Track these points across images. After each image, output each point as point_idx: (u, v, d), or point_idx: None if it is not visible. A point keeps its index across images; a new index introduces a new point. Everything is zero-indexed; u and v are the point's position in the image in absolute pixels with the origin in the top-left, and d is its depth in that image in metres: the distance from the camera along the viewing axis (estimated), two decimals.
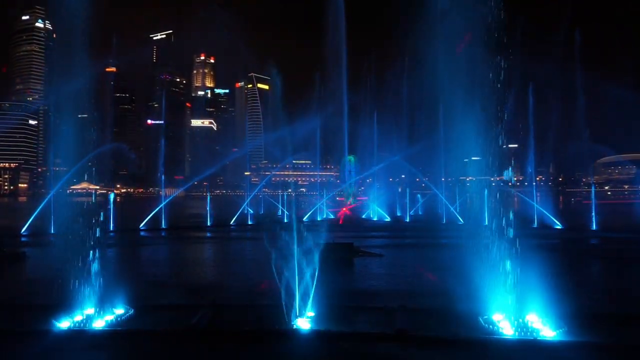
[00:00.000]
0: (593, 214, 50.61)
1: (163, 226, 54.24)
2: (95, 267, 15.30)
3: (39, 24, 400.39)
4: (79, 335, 13.81)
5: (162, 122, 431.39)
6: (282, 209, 73.53)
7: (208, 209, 60.79)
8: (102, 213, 16.73)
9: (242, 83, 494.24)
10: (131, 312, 15.55)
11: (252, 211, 69.09)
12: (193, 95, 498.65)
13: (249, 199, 71.06)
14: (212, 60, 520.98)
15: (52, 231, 46.41)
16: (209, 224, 58.92)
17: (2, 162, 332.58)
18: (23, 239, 43.13)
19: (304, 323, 14.23)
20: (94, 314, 14.72)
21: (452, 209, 65.80)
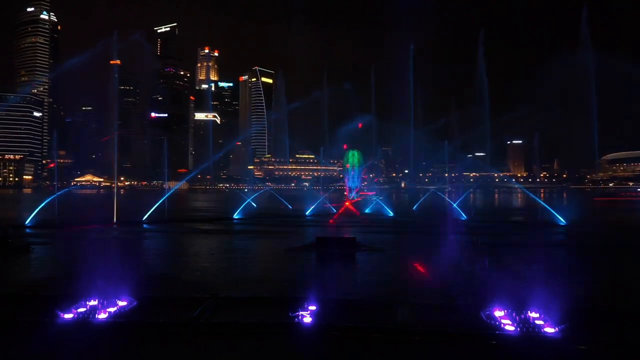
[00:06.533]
0: None
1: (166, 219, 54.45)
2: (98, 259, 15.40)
3: (44, 16, 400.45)
4: (83, 326, 13.92)
5: (166, 115, 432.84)
6: (285, 203, 73.72)
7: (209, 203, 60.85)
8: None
9: (246, 76, 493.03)
10: (134, 303, 15.64)
11: (255, 205, 69.27)
12: (197, 88, 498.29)
13: (255, 195, 71.23)
14: (216, 54, 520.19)
15: (57, 223, 46.78)
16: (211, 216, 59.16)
17: (7, 154, 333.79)
18: (28, 230, 43.39)
19: (305, 316, 14.28)
20: (97, 305, 14.84)
21: (454, 205, 65.70)
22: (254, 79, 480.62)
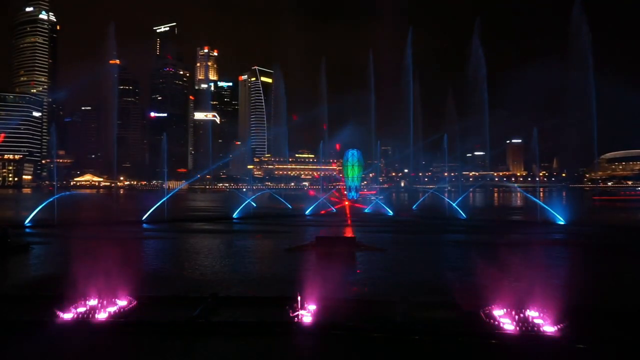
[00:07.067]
0: None
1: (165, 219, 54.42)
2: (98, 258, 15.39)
3: (43, 16, 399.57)
4: (83, 326, 13.93)
5: (165, 114, 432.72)
6: (285, 203, 73.78)
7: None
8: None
9: (246, 76, 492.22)
10: (134, 303, 15.65)
11: (255, 205, 69.25)
12: (196, 88, 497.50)
13: (255, 195, 71.14)
14: (215, 53, 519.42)
15: (56, 223, 46.77)
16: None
17: (7, 154, 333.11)
18: (27, 230, 43.39)
19: (305, 315, 14.29)
20: (97, 305, 14.84)
21: (454, 205, 65.74)
22: (253, 79, 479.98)
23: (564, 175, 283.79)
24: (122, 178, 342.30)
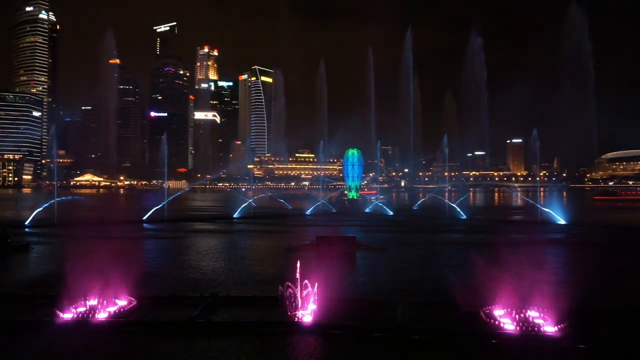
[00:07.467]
0: None
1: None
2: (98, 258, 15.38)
3: (43, 15, 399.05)
4: (83, 326, 13.92)
5: (165, 114, 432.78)
6: (285, 203, 73.81)
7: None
8: None
9: (246, 76, 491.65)
10: (134, 303, 15.64)
11: (255, 205, 69.21)
12: (196, 87, 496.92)
13: (257, 197, 71.09)
14: (215, 53, 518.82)
15: (56, 223, 46.78)
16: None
17: (6, 154, 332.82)
18: (27, 230, 43.39)
19: (305, 316, 14.29)
20: (97, 305, 14.83)
21: (454, 205, 65.68)
22: (253, 78, 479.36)
23: (564, 175, 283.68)
24: (122, 178, 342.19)
